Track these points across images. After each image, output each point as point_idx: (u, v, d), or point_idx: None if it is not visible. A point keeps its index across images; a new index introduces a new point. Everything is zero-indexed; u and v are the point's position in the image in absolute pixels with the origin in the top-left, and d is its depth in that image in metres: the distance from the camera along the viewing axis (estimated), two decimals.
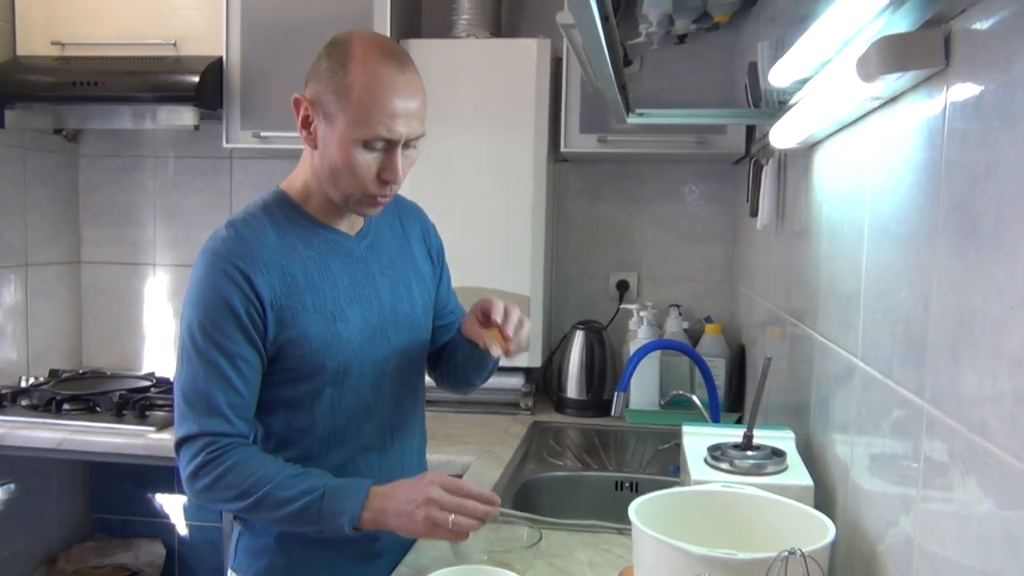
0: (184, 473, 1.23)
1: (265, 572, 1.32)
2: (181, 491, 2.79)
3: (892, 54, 0.81)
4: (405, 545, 1.38)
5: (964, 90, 0.77)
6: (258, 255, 1.23)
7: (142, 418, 2.25)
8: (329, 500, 1.18)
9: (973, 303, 0.73)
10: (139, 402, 2.29)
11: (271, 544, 1.31)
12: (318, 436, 1.30)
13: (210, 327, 1.21)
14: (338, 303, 1.29)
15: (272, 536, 1.31)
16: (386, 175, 1.23)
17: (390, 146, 1.22)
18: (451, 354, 1.50)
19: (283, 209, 1.30)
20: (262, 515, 1.22)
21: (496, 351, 1.31)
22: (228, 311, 1.20)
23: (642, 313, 2.41)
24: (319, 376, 1.27)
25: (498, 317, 1.31)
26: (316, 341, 1.25)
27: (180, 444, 1.23)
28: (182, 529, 2.83)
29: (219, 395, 1.21)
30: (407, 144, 1.24)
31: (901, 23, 0.85)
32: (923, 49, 0.80)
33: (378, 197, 1.26)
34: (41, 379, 2.56)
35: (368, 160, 1.21)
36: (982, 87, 0.74)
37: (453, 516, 1.15)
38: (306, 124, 1.25)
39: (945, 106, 0.81)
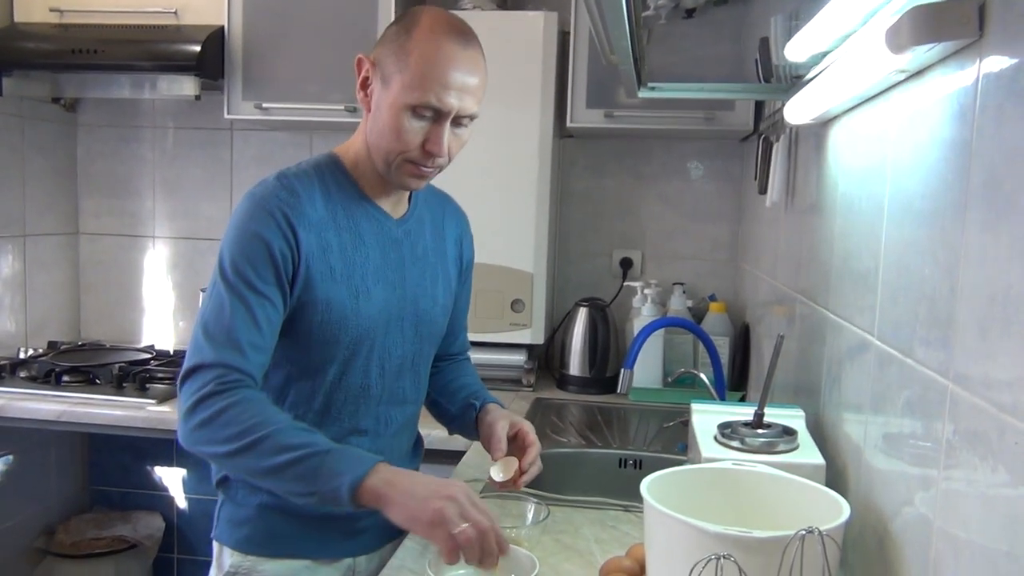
0: (185, 404, 1.15)
1: (246, 541, 1.31)
2: (180, 464, 2.79)
3: (925, 24, 0.79)
4: (390, 524, 1.15)
5: (999, 62, 0.75)
6: (304, 210, 1.22)
7: (142, 391, 2.24)
8: (334, 458, 1.10)
9: (1006, 280, 0.71)
10: (139, 375, 2.27)
11: (252, 514, 1.30)
12: (315, 408, 1.28)
13: (244, 264, 1.18)
14: (365, 279, 1.27)
15: (253, 506, 1.29)
16: (430, 146, 1.21)
17: (439, 117, 1.20)
18: (446, 398, 1.48)
19: (334, 174, 1.29)
20: (255, 461, 1.11)
21: (499, 477, 1.29)
22: (265, 251, 1.19)
23: (646, 291, 2.40)
24: (330, 347, 1.26)
25: (527, 462, 1.31)
26: (335, 311, 1.24)
27: (190, 373, 1.16)
28: (181, 502, 2.82)
29: (242, 329, 1.17)
30: (458, 122, 1.23)
31: None
32: (957, 19, 0.78)
33: (421, 167, 1.24)
34: (40, 351, 2.54)
35: (415, 127, 1.20)
36: (1018, 59, 0.72)
37: (466, 525, 1.05)
38: (364, 86, 1.25)
39: (978, 79, 0.79)
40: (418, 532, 1.11)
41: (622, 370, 1.85)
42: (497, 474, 1.30)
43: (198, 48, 2.30)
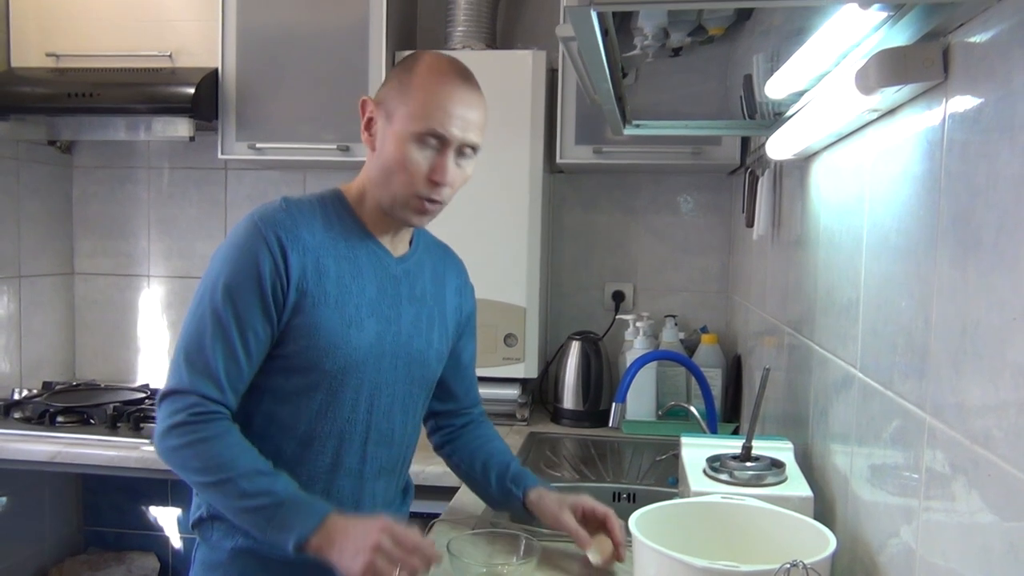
0: (160, 426, 1.20)
1: None
2: (175, 503, 2.78)
3: (891, 67, 0.81)
4: None
5: (963, 102, 0.78)
6: (300, 235, 1.24)
7: (136, 430, 2.24)
8: (286, 511, 1.15)
9: (975, 315, 0.73)
10: (133, 414, 2.28)
11: (225, 558, 1.30)
12: (298, 436, 1.28)
13: (233, 289, 1.20)
14: (359, 310, 1.28)
15: (227, 550, 1.29)
16: (435, 175, 1.24)
17: (443, 146, 1.23)
18: (479, 473, 1.49)
19: (336, 208, 1.32)
20: (218, 498, 1.20)
21: (599, 560, 1.30)
22: (256, 279, 1.20)
23: (638, 324, 2.41)
24: (313, 373, 1.26)
25: (618, 533, 1.32)
26: (324, 337, 1.24)
27: (167, 395, 1.21)
28: (176, 542, 2.81)
29: (220, 361, 1.20)
30: (461, 152, 1.26)
31: (899, 36, 0.86)
32: (922, 62, 0.81)
33: (425, 202, 1.26)
34: (34, 391, 2.54)
35: (421, 157, 1.23)
36: (981, 99, 0.74)
37: (397, 571, 1.11)
38: (368, 126, 1.29)
39: (944, 118, 0.82)
40: None
41: (614, 404, 1.86)
42: (596, 557, 1.31)
43: (192, 90, 2.34)
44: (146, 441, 2.16)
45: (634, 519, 1.05)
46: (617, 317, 2.61)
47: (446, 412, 1.54)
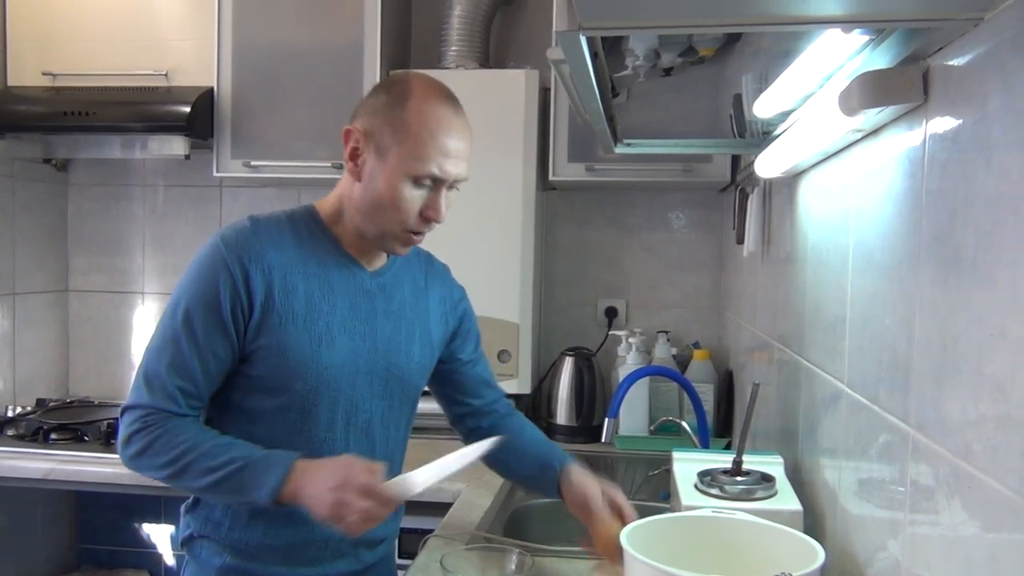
0: (121, 435, 1.23)
1: None
2: (168, 520, 2.78)
3: (873, 89, 0.84)
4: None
5: (942, 124, 0.80)
6: (265, 254, 1.24)
7: None
8: (251, 471, 1.17)
9: (955, 331, 0.75)
10: None
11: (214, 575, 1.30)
12: None
13: (192, 312, 1.22)
14: (330, 328, 1.27)
15: (215, 568, 1.30)
16: (430, 213, 1.25)
17: (437, 185, 1.24)
18: (515, 457, 1.47)
19: (308, 225, 1.32)
20: (188, 483, 1.21)
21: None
22: (215, 301, 1.21)
23: (631, 339, 2.43)
24: (285, 395, 1.26)
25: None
26: (293, 357, 1.24)
27: (125, 410, 1.24)
28: (169, 559, 2.80)
29: (175, 379, 1.22)
30: (452, 185, 1.27)
31: (881, 59, 0.88)
32: (902, 85, 0.83)
33: (414, 235, 1.27)
34: (28, 408, 2.54)
35: (414, 196, 1.24)
36: (959, 121, 0.77)
37: (356, 514, 1.13)
38: (354, 156, 1.27)
39: (925, 139, 0.84)
40: (324, 520, 1.15)
41: (607, 419, 1.88)
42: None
43: (188, 109, 2.35)
44: None
45: (626, 533, 1.06)
46: (610, 333, 2.62)
47: (469, 414, 1.51)
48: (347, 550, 1.34)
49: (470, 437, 1.50)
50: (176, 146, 2.45)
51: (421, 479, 1.17)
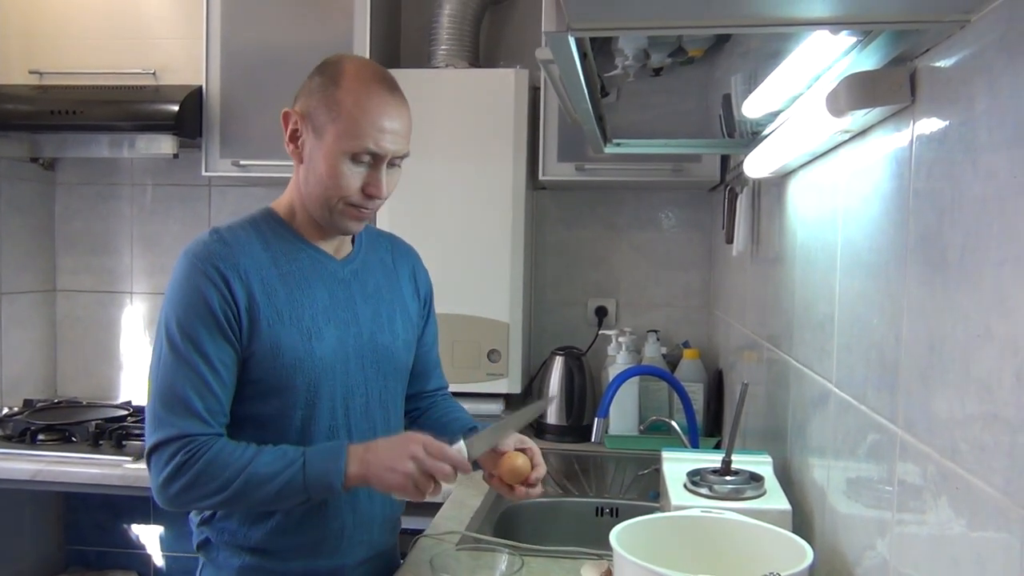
0: (159, 479, 1.20)
1: None
2: (157, 521, 2.77)
3: (860, 91, 0.84)
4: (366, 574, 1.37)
5: (929, 125, 0.81)
6: (238, 261, 1.25)
7: (119, 448, 2.22)
8: (311, 466, 1.18)
9: (942, 331, 0.75)
10: (116, 432, 2.26)
11: None
12: None
13: (188, 327, 1.21)
14: (315, 320, 1.29)
15: (234, 569, 1.30)
16: (371, 189, 1.26)
17: (376, 161, 1.25)
18: (440, 431, 1.45)
19: (270, 224, 1.32)
20: (249, 499, 1.20)
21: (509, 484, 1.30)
22: (207, 311, 1.21)
23: (621, 339, 2.43)
24: (289, 393, 1.27)
25: (537, 473, 1.30)
26: (287, 355, 1.25)
27: (155, 449, 1.20)
28: (158, 560, 2.79)
29: (196, 398, 1.20)
30: (392, 162, 1.27)
31: (868, 61, 0.89)
32: (890, 86, 0.83)
33: (360, 209, 1.28)
34: (15, 409, 2.53)
35: (354, 172, 1.24)
36: (946, 122, 0.77)
37: (431, 485, 1.19)
38: (294, 138, 1.29)
39: (912, 140, 0.85)
40: (397, 492, 1.21)
41: (596, 419, 1.88)
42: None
43: (176, 108, 2.34)
44: (128, 459, 2.16)
45: (615, 533, 1.06)
46: (600, 332, 2.62)
47: (416, 395, 1.52)
48: (362, 538, 1.35)
49: (408, 421, 1.51)
50: (164, 145, 2.43)
51: (483, 440, 1.26)
